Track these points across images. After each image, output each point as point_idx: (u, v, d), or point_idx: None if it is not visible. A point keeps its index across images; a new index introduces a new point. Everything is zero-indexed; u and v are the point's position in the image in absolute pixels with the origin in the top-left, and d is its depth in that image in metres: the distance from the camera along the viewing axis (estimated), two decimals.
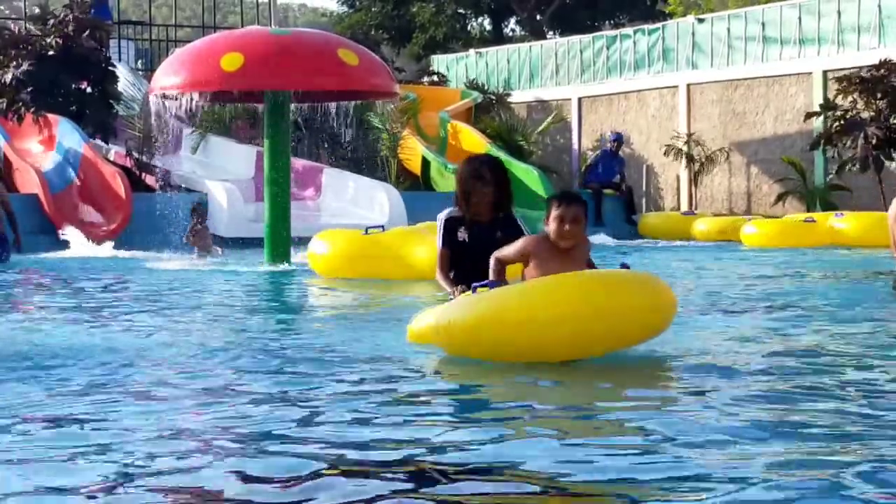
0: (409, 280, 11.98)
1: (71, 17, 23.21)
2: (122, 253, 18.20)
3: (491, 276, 6.28)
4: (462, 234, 6.83)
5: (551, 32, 44.45)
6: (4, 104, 22.62)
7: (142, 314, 9.15)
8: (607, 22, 45.19)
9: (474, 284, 6.07)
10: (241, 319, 8.89)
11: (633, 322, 5.84)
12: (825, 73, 25.24)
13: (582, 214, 6.16)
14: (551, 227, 6.18)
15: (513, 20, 47.96)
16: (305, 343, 7.09)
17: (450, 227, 6.91)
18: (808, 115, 24.26)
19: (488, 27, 47.72)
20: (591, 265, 6.34)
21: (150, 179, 23.38)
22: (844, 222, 19.60)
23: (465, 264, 6.83)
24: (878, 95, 22.66)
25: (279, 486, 3.65)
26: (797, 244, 18.72)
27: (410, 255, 12.28)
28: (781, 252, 17.56)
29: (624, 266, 6.17)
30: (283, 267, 14.45)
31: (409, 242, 12.50)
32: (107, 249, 18.71)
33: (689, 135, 27.62)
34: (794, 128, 26.17)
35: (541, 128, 29.57)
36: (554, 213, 6.17)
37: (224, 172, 23.44)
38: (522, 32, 46.53)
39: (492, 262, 6.34)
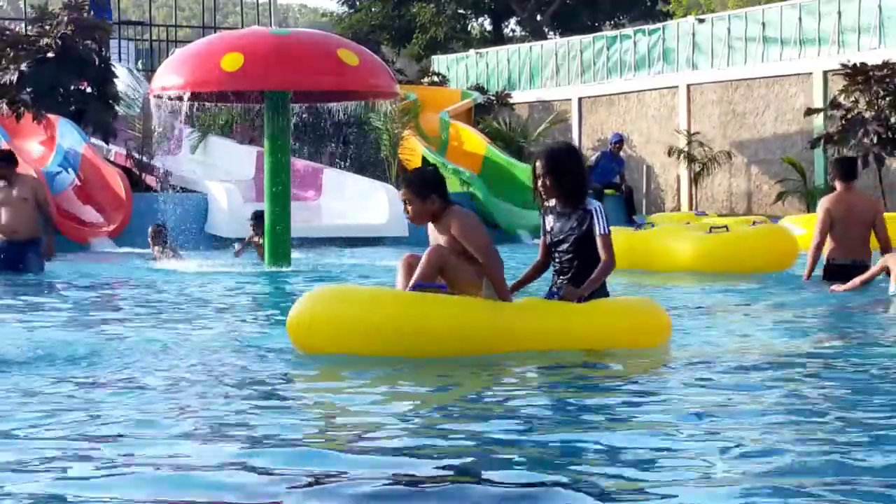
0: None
1: (66, 18, 23.16)
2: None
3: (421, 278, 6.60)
4: (548, 223, 6.96)
5: (551, 33, 44.45)
6: (4, 104, 22.60)
7: (137, 317, 9.14)
8: (607, 22, 45.21)
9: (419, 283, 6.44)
10: (235, 322, 8.88)
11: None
12: (825, 73, 25.24)
13: (409, 194, 6.54)
14: None
15: (513, 20, 47.95)
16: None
17: (544, 214, 7.05)
18: (808, 112, 24.27)
19: (488, 27, 47.72)
20: (465, 238, 6.48)
21: (150, 179, 23.37)
22: None
23: (552, 251, 6.94)
24: (880, 94, 22.65)
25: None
26: None
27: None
28: None
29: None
30: (283, 269, 14.41)
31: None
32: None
33: (691, 135, 27.60)
34: (794, 128, 26.16)
35: (539, 129, 29.55)
36: None
37: (224, 172, 23.42)
38: (522, 33, 46.53)
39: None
